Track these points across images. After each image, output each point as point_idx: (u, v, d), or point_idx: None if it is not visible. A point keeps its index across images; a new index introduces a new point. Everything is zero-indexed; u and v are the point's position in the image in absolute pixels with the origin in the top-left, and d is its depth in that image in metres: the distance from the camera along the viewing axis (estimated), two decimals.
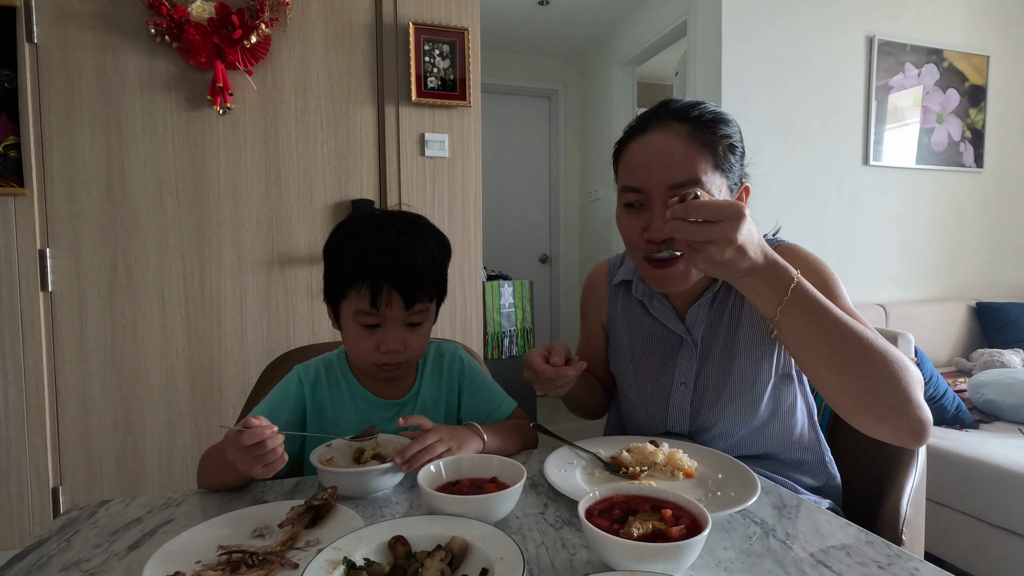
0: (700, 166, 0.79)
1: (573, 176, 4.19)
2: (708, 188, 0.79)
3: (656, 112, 0.84)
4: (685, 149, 0.79)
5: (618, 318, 1.02)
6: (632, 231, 0.84)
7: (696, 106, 0.82)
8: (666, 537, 0.53)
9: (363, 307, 0.84)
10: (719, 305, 0.92)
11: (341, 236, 0.88)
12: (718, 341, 0.91)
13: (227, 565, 0.55)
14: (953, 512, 1.82)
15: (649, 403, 0.96)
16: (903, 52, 2.74)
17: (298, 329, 1.76)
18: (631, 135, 0.85)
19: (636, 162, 0.82)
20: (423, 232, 0.89)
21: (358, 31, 1.78)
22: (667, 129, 0.81)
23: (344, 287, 0.85)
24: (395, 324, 0.85)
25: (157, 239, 1.63)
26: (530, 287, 2.74)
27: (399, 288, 0.83)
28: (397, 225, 0.87)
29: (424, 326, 0.89)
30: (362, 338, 0.86)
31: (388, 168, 1.82)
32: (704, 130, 0.80)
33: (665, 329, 0.95)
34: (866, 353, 0.68)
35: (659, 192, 0.80)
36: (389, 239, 0.84)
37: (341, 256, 0.86)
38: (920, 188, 2.85)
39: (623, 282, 1.02)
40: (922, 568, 0.54)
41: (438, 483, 0.69)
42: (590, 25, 3.53)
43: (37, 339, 1.54)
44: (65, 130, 1.55)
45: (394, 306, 0.84)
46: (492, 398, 0.97)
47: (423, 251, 0.85)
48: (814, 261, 0.86)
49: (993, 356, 2.43)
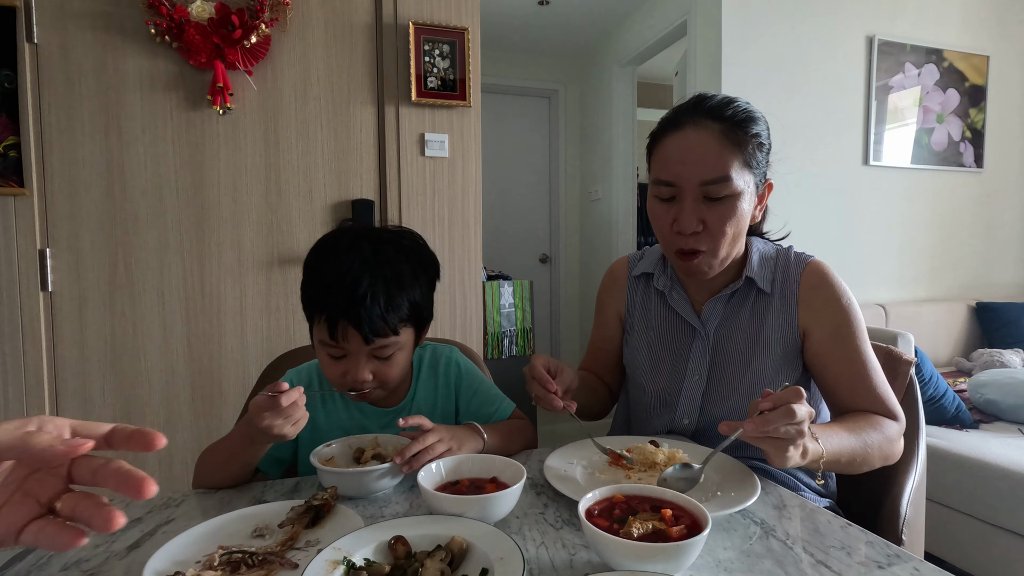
0: (730, 164, 0.83)
1: (573, 176, 4.18)
2: (737, 184, 0.83)
3: (691, 108, 0.86)
4: (718, 147, 0.83)
5: (636, 309, 1.04)
6: (663, 222, 0.88)
7: (730, 104, 0.85)
8: (666, 537, 0.53)
9: (324, 338, 0.81)
10: (737, 302, 0.94)
11: (313, 255, 0.85)
12: (736, 338, 0.92)
13: (227, 565, 0.55)
14: (953, 512, 1.82)
15: (662, 392, 0.97)
16: (903, 52, 2.74)
17: (298, 329, 1.76)
18: (666, 128, 0.88)
19: (670, 157, 0.86)
20: (396, 256, 0.83)
21: (358, 31, 1.78)
22: (701, 127, 0.84)
23: (309, 312, 0.83)
24: (359, 356, 0.81)
25: (157, 239, 1.63)
26: (530, 287, 2.74)
27: (355, 324, 0.78)
28: (366, 250, 0.81)
29: (396, 357, 0.84)
30: (329, 365, 0.84)
31: (388, 168, 1.82)
32: (736, 129, 0.83)
33: (681, 320, 0.98)
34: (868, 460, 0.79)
35: (691, 187, 0.84)
36: (351, 269, 0.78)
37: (308, 279, 0.84)
38: (920, 188, 2.85)
39: (644, 274, 1.04)
40: (922, 568, 0.54)
41: (438, 483, 0.69)
42: (590, 25, 3.53)
43: (37, 339, 1.54)
44: (65, 130, 1.55)
45: (352, 340, 0.80)
46: (490, 400, 0.96)
47: (389, 281, 0.80)
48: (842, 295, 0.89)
49: (993, 356, 2.43)
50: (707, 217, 0.84)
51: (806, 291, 0.90)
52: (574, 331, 4.24)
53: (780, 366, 0.90)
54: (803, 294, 0.90)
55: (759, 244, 0.96)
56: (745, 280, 0.92)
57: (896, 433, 0.83)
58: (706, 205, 0.84)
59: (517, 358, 2.67)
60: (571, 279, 4.21)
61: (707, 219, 0.84)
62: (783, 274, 0.92)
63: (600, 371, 1.11)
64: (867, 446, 0.78)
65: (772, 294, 0.91)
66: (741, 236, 0.88)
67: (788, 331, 0.90)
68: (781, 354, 0.90)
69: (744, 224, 0.87)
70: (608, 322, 1.09)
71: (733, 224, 0.84)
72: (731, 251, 0.88)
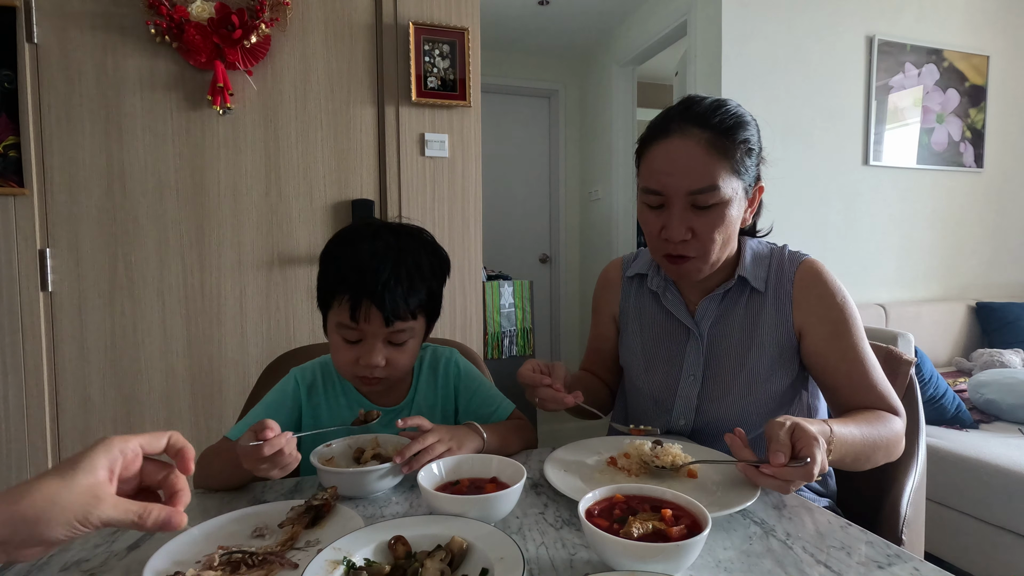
0: (718, 173, 0.82)
1: (573, 176, 4.18)
2: (725, 191, 0.82)
3: (679, 115, 0.85)
4: (704, 157, 0.82)
5: (630, 310, 1.04)
6: (652, 228, 0.88)
7: (718, 110, 0.84)
8: (666, 537, 0.53)
9: (344, 319, 0.82)
10: (730, 301, 0.94)
11: (335, 243, 0.87)
12: (730, 337, 0.92)
13: (227, 565, 0.55)
14: (953, 512, 1.82)
15: (658, 392, 0.97)
16: (903, 52, 2.74)
17: (298, 329, 1.76)
18: (654, 135, 0.87)
19: (657, 167, 0.85)
20: (418, 248, 0.87)
21: (358, 31, 1.78)
22: (688, 135, 0.83)
23: (329, 296, 0.84)
24: (375, 340, 0.83)
25: (157, 239, 1.63)
26: (530, 287, 2.74)
27: (378, 304, 0.80)
28: (390, 239, 0.85)
29: (408, 344, 0.87)
30: (343, 350, 0.85)
31: (388, 168, 1.82)
32: (723, 137, 0.82)
33: (675, 321, 0.98)
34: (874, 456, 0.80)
35: (678, 196, 0.83)
36: (376, 253, 0.82)
37: (329, 264, 0.85)
38: (920, 188, 2.85)
39: (638, 275, 1.04)
40: (922, 568, 0.54)
41: (438, 483, 0.69)
42: (590, 25, 3.52)
43: (37, 339, 1.54)
44: (65, 130, 1.55)
45: (373, 321, 0.81)
46: (490, 401, 0.96)
47: (411, 268, 0.83)
48: (836, 292, 0.89)
49: (993, 356, 2.43)
50: (695, 225, 0.84)
51: (800, 290, 0.90)
52: (574, 331, 4.24)
53: (775, 365, 0.90)
54: (797, 293, 0.90)
55: (752, 243, 0.96)
56: (738, 279, 0.92)
57: (901, 429, 0.84)
58: (694, 213, 0.83)
59: (517, 358, 2.67)
60: (571, 279, 4.21)
61: (695, 227, 0.84)
62: (777, 273, 0.92)
63: (599, 371, 1.11)
64: (875, 445, 0.79)
65: (766, 293, 0.91)
66: (731, 240, 0.88)
67: (783, 330, 0.90)
68: (776, 353, 0.90)
69: (734, 229, 0.87)
70: (604, 323, 1.09)
71: (722, 231, 0.84)
72: (721, 255, 0.88)
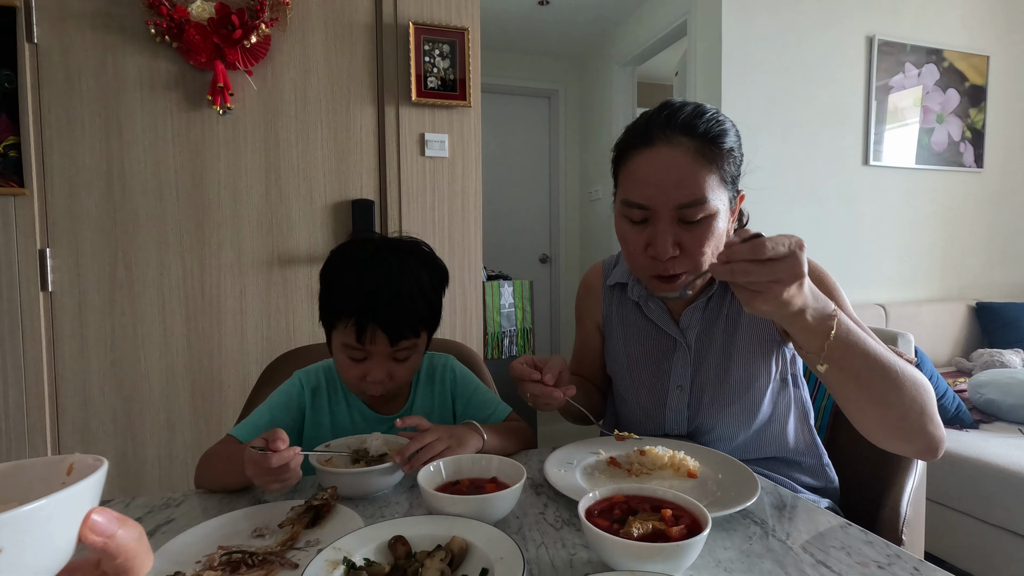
0: (707, 185, 0.77)
1: (573, 176, 4.18)
2: (713, 204, 0.78)
3: (662, 123, 0.79)
4: (693, 168, 0.77)
5: (613, 320, 1.01)
6: (634, 244, 0.82)
7: (701, 116, 0.79)
8: (666, 537, 0.53)
9: (349, 340, 0.84)
10: (714, 308, 0.92)
11: (336, 264, 0.88)
12: (714, 344, 0.91)
13: (227, 565, 0.55)
14: (953, 512, 1.82)
15: (646, 405, 0.95)
16: (903, 52, 2.73)
17: (298, 329, 1.76)
18: (635, 144, 0.81)
19: (642, 178, 0.79)
20: (417, 264, 0.88)
21: (358, 31, 1.78)
22: (674, 145, 0.78)
23: (334, 317, 0.86)
24: (381, 357, 0.86)
25: (157, 239, 1.63)
26: (530, 287, 2.74)
27: (383, 326, 0.83)
28: (390, 259, 0.86)
29: (412, 359, 0.89)
30: (349, 368, 0.87)
31: (388, 168, 1.82)
32: (711, 145, 0.78)
33: (660, 331, 0.95)
34: (897, 382, 0.69)
35: (666, 211, 0.78)
36: (379, 276, 0.84)
37: (332, 286, 0.87)
38: (920, 188, 2.85)
39: (618, 284, 1.01)
40: (922, 568, 0.54)
41: (438, 483, 0.69)
42: (590, 25, 3.52)
43: (37, 339, 1.54)
44: (65, 130, 1.55)
45: (379, 342, 0.84)
46: (487, 404, 0.98)
47: (413, 288, 0.85)
48: (816, 268, 0.86)
49: (993, 356, 2.43)
50: (683, 240, 0.79)
51: None
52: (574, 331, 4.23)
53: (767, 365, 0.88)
54: None
55: None
56: (719, 285, 0.90)
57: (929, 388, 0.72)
58: (682, 228, 0.78)
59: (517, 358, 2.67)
60: (571, 279, 4.21)
61: (683, 242, 0.79)
62: None
63: (588, 376, 1.09)
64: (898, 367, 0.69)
65: None
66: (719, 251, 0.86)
67: (765, 328, 0.88)
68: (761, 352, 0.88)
69: (721, 241, 0.82)
70: (588, 331, 1.07)
71: (711, 244, 0.79)
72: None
